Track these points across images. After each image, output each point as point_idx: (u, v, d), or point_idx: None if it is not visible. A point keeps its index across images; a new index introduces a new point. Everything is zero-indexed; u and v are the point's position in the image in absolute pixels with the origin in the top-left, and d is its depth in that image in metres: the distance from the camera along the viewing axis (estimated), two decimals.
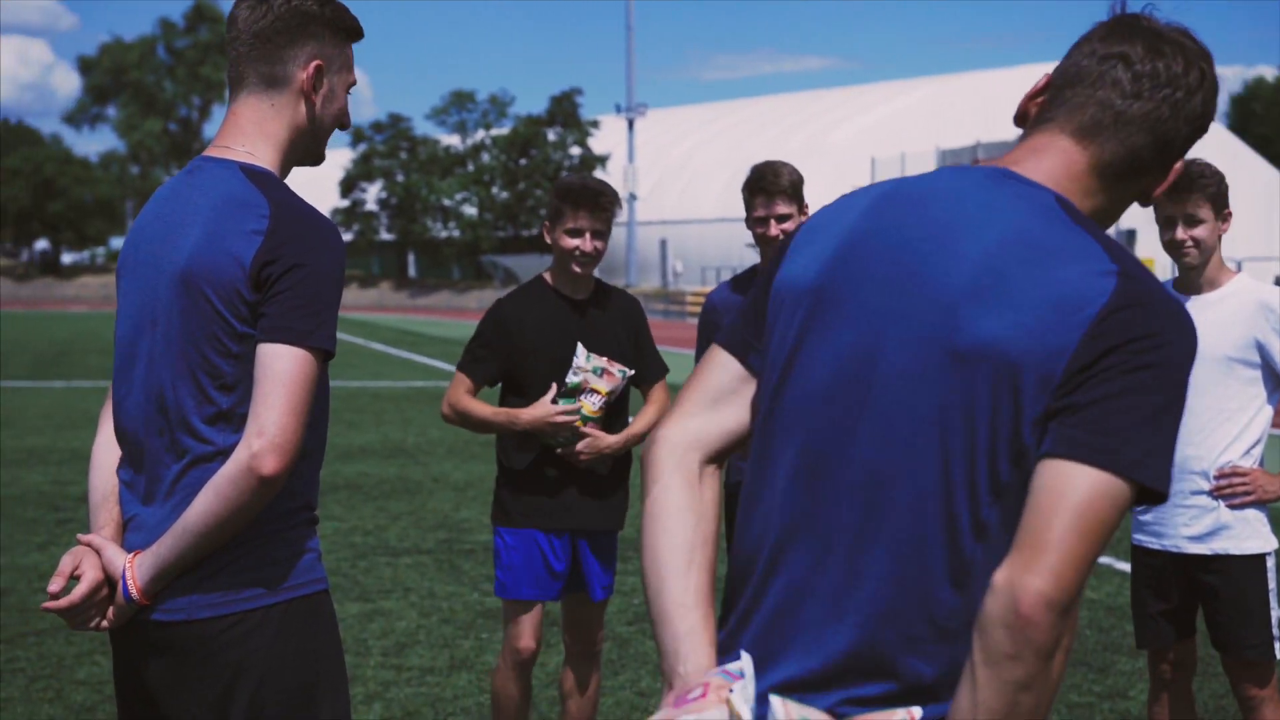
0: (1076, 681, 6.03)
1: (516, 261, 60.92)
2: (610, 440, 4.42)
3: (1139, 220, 31.58)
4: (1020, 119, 1.90)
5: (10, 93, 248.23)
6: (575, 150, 64.84)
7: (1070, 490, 1.60)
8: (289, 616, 2.53)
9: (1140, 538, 4.25)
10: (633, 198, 57.36)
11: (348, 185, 69.26)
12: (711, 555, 1.82)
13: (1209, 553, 4.10)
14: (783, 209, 4.57)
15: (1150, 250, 35.94)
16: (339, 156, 73.35)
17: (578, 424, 4.36)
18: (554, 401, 4.35)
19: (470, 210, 68.56)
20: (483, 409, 4.46)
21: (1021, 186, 1.79)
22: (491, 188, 67.97)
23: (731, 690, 1.68)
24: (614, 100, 39.33)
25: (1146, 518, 4.22)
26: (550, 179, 62.27)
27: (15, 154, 78.75)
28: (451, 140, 70.03)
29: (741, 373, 1.89)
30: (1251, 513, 4.09)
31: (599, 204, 4.37)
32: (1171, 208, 4.07)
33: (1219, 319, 4.08)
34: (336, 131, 2.69)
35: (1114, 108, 1.80)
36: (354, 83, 2.71)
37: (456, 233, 68.97)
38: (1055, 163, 1.83)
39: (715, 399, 1.89)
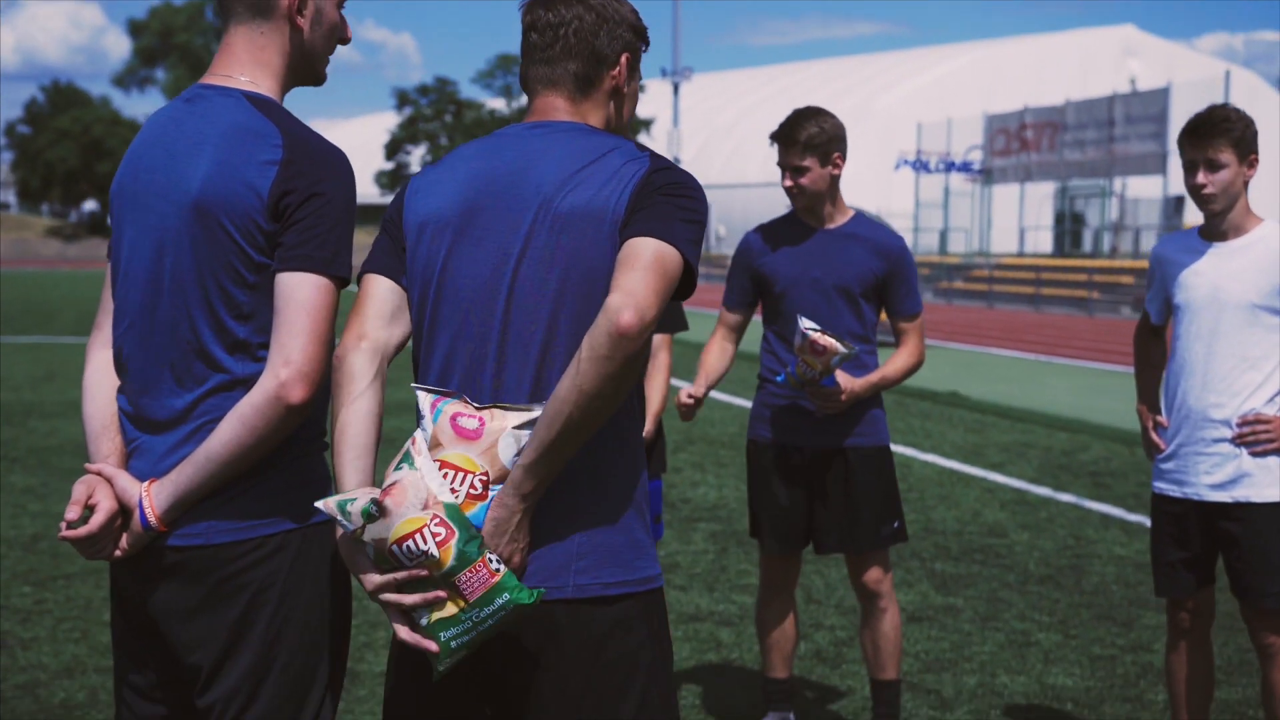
0: (1100, 635, 6.02)
1: None
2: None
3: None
4: (523, 87, 2.59)
5: (62, 55, 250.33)
6: None
7: (643, 249, 2.30)
8: (306, 543, 2.52)
9: (1161, 485, 4.21)
10: (676, 161, 57.08)
11: (393, 148, 69.39)
12: (377, 439, 2.44)
13: (1230, 500, 4.05)
14: (796, 161, 4.49)
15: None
16: (385, 120, 73.36)
17: None
18: None
19: None
20: None
21: (560, 125, 2.50)
22: None
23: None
24: (660, 64, 39.40)
25: (1168, 465, 4.17)
26: None
27: (65, 115, 79.32)
28: (497, 104, 69.92)
29: (399, 292, 2.51)
30: (1273, 460, 4.02)
31: None
32: (1193, 151, 4.01)
33: (1244, 266, 4.02)
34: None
35: (547, 59, 2.52)
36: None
37: None
38: (562, 110, 2.52)
39: (391, 316, 2.50)
